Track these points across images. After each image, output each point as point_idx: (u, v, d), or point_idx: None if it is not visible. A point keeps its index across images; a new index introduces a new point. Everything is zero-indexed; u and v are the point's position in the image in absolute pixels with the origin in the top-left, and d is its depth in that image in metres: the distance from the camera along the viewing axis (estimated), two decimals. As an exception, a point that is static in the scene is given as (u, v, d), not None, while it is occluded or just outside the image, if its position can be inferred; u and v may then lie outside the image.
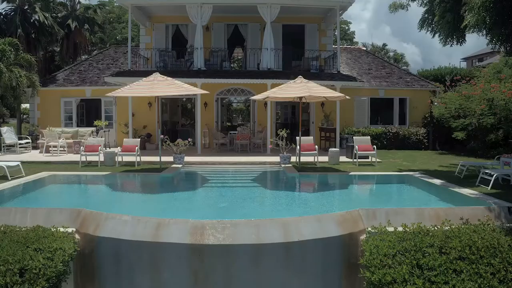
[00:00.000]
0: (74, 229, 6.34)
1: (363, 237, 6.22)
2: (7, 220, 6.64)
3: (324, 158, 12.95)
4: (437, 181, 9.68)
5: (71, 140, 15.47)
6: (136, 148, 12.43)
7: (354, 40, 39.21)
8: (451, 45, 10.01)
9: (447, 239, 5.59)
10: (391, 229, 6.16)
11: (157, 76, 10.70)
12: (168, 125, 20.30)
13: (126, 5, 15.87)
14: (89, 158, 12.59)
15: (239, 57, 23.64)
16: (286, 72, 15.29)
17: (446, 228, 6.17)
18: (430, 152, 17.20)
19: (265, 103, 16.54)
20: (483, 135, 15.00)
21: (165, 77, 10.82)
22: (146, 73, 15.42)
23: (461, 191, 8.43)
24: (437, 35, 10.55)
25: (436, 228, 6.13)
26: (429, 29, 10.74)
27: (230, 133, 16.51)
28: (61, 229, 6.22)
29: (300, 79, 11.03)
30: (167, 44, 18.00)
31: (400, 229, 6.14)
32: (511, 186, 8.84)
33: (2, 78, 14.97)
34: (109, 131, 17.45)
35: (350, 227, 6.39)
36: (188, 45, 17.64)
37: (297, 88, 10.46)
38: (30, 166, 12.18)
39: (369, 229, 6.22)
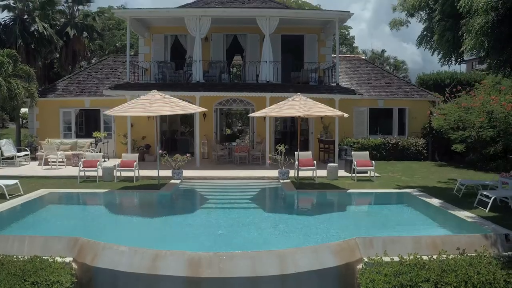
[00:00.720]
0: (71, 259, 6.37)
1: (359, 266, 6.23)
2: (5, 248, 6.67)
3: (323, 172, 12.92)
4: (435, 201, 9.68)
5: (69, 153, 15.47)
6: (135, 163, 12.43)
7: (354, 44, 39.21)
8: (449, 66, 10.03)
9: (443, 273, 5.60)
10: (387, 259, 6.18)
11: (155, 94, 10.69)
12: (167, 134, 20.30)
13: (125, 17, 15.87)
14: (88, 173, 12.59)
15: (239, 63, 23.64)
16: (285, 86, 15.29)
17: (443, 257, 6.20)
18: (429, 163, 17.19)
19: (264, 114, 16.53)
20: (482, 148, 14.99)
21: (163, 94, 10.82)
22: (144, 86, 15.48)
23: (458, 214, 8.44)
24: (436, 52, 10.54)
25: (432, 258, 6.15)
26: (428, 46, 10.73)
27: (229, 146, 16.46)
28: (59, 259, 6.24)
29: (298, 97, 11.02)
30: (165, 54, 17.99)
31: (396, 259, 6.16)
32: (509, 208, 8.83)
33: (1, 91, 14.97)
34: (107, 142, 17.46)
35: (346, 257, 6.40)
36: (187, 55, 17.62)
37: (295, 106, 10.46)
38: (29, 182, 12.18)
39: (366, 259, 6.24)
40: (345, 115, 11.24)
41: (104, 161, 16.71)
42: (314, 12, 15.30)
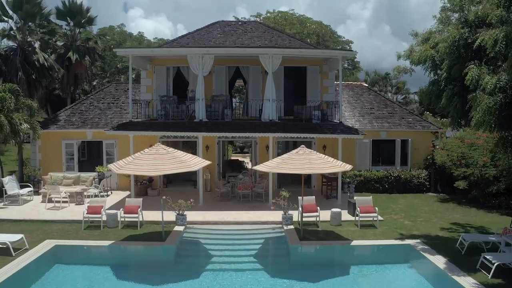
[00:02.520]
0: None
1: None
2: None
3: (326, 215, 12.94)
4: (439, 260, 9.70)
5: (73, 190, 15.49)
6: (138, 209, 12.45)
7: (356, 59, 39.17)
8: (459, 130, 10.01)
9: None
10: None
11: (158, 148, 10.72)
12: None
13: (127, 55, 15.87)
14: (92, 218, 12.63)
15: (241, 84, 23.61)
16: (288, 126, 15.23)
17: None
18: (432, 197, 17.20)
19: (267, 146, 16.59)
20: (485, 185, 15.01)
21: (166, 149, 10.84)
22: (147, 126, 15.48)
23: (462, 282, 8.45)
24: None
25: None
26: (435, 102, 10.68)
27: (231, 181, 16.47)
28: None
29: (302, 150, 11.05)
30: (168, 86, 17.98)
31: None
32: (511, 271, 8.83)
33: (3, 129, 15.00)
34: (110, 176, 17.47)
35: None
36: (189, 88, 17.62)
37: (300, 162, 10.49)
38: (33, 228, 12.27)
39: None
40: (348, 167, 11.23)
41: (107, 195, 16.78)
42: (318, 51, 15.31)
